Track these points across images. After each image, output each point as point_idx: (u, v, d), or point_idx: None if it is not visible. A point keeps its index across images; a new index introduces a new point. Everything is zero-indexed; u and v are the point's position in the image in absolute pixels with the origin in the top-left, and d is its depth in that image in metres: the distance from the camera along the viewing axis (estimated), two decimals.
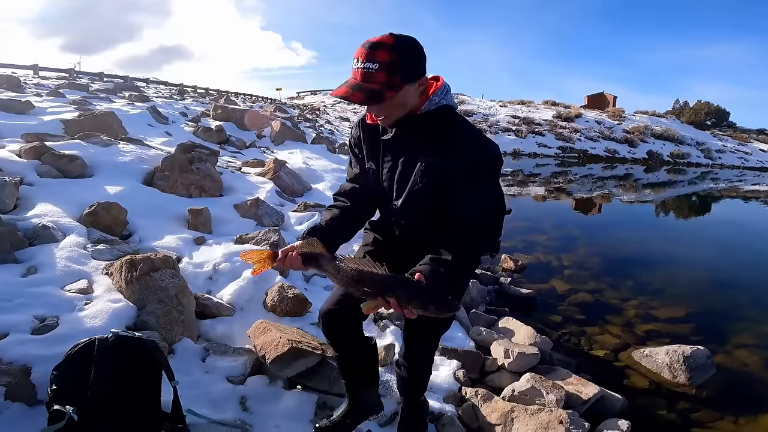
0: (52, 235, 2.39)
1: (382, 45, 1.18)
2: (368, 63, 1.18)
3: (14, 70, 12.23)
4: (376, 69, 1.18)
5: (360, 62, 1.19)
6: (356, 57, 1.20)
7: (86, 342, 1.47)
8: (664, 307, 4.04)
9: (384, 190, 1.44)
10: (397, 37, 1.19)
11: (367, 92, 1.19)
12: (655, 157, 24.55)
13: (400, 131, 1.34)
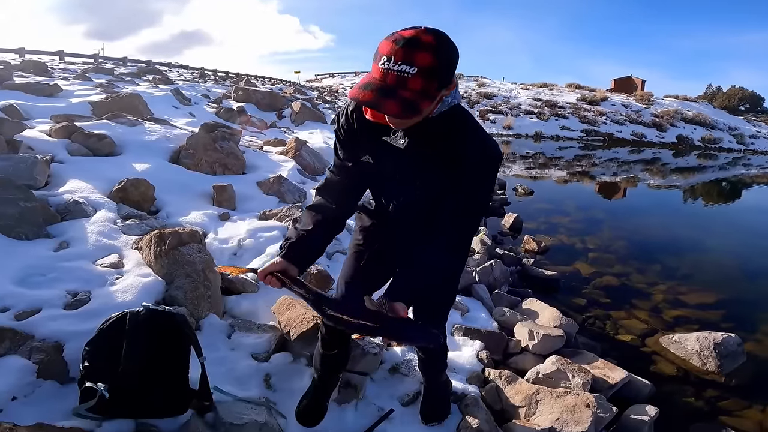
0: (83, 210, 2.44)
1: (424, 45, 0.96)
2: (404, 65, 0.96)
3: (40, 56, 12.51)
4: (413, 74, 0.96)
5: (393, 63, 0.96)
6: (386, 54, 0.97)
7: (118, 316, 1.48)
8: (693, 293, 3.94)
9: (383, 187, 1.37)
10: (438, 36, 0.98)
11: (402, 102, 0.98)
12: (684, 141, 23.66)
13: (412, 138, 1.19)
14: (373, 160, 1.29)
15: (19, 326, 1.62)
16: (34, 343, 1.58)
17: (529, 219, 6.03)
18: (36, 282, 1.89)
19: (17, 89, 5.26)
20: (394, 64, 0.96)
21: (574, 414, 1.96)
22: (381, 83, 0.99)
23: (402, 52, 0.96)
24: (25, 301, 1.75)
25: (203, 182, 3.43)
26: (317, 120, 8.05)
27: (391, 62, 0.97)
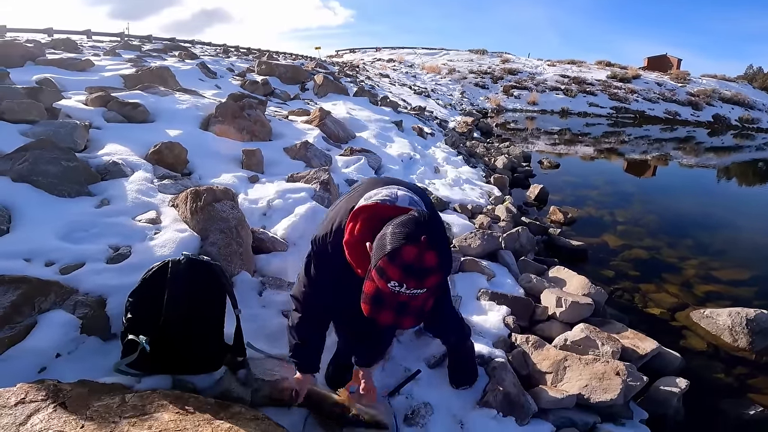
0: (121, 171, 2.52)
1: (431, 270, 1.05)
2: (416, 290, 1.06)
3: (69, 36, 12.75)
4: (422, 293, 1.07)
5: (405, 288, 1.05)
6: (397, 280, 1.05)
7: (160, 265, 1.52)
8: (726, 269, 3.83)
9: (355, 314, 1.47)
10: (438, 250, 1.06)
11: (416, 313, 1.10)
12: (721, 120, 22.54)
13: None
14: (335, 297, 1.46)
15: (64, 280, 1.67)
16: (78, 297, 1.63)
17: (555, 191, 5.92)
18: (79, 237, 1.95)
19: (51, 65, 5.40)
20: (406, 289, 1.05)
21: (603, 381, 1.95)
22: (394, 301, 1.08)
23: (413, 282, 1.05)
24: (70, 256, 1.81)
25: (232, 147, 3.49)
26: (340, 92, 8.01)
27: (403, 288, 1.05)
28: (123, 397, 1.26)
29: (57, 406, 1.16)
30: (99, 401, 1.22)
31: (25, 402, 1.16)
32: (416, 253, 1.03)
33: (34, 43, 7.25)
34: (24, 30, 11.58)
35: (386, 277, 1.05)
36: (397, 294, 1.06)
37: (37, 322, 1.51)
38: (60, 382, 1.28)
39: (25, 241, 1.82)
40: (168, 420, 1.18)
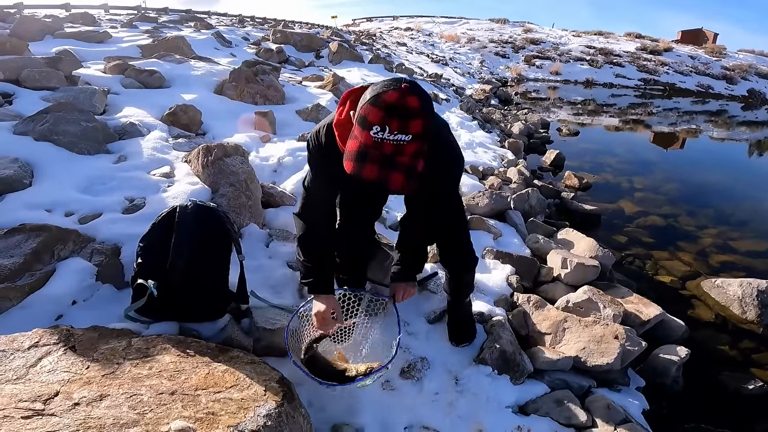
0: (138, 131, 2.61)
1: (413, 112, 1.01)
2: (400, 135, 1.01)
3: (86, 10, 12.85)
4: (408, 141, 1.02)
5: (388, 132, 1.00)
6: (378, 124, 1.00)
7: (169, 210, 1.58)
8: (745, 240, 3.73)
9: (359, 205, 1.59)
10: (419, 95, 1.03)
11: (405, 171, 1.05)
12: (756, 95, 21.38)
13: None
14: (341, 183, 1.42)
15: (82, 229, 1.77)
16: (95, 245, 1.72)
17: (572, 158, 5.80)
18: (97, 190, 2.07)
19: (69, 37, 5.53)
20: (389, 134, 1.00)
21: (600, 344, 1.92)
22: (378, 153, 1.02)
23: (396, 123, 0.99)
24: (88, 207, 1.92)
25: (246, 110, 3.57)
26: (355, 59, 7.96)
27: (386, 132, 1.00)
28: (129, 341, 1.33)
29: (67, 349, 1.24)
30: (106, 344, 1.30)
31: (38, 346, 1.24)
32: (398, 96, 1.00)
33: (52, 17, 7.38)
34: (41, 6, 11.73)
35: (368, 124, 1.01)
36: (380, 142, 1.01)
37: (56, 269, 1.60)
38: (73, 328, 1.36)
39: (47, 193, 1.93)
40: (168, 362, 1.26)
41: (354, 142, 1.07)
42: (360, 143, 1.04)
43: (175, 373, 1.21)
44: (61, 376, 1.14)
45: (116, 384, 1.14)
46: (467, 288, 1.89)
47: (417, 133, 1.02)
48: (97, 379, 1.15)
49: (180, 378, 1.20)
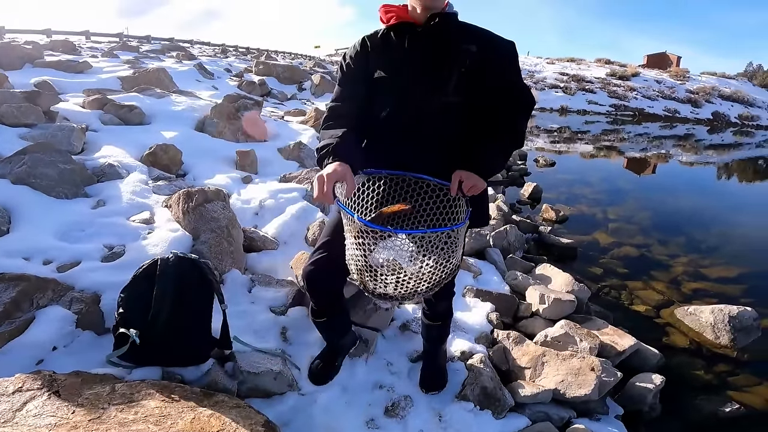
0: (117, 173, 2.60)
1: None
2: None
3: (68, 37, 12.85)
4: None
5: None
6: None
7: (150, 263, 1.59)
8: (716, 267, 3.87)
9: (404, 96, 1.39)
10: None
11: None
12: (721, 118, 22.56)
13: (436, 24, 1.35)
14: (390, 66, 1.39)
15: (61, 277, 1.76)
16: (74, 294, 1.71)
17: (549, 189, 5.97)
18: (76, 237, 2.04)
19: (49, 67, 5.52)
20: None
21: (578, 377, 1.98)
22: None
23: None
24: (66, 255, 1.89)
25: (227, 148, 3.58)
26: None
27: None
28: (113, 386, 1.33)
29: (51, 394, 1.24)
30: (90, 390, 1.30)
31: (22, 390, 1.24)
32: None
33: (32, 44, 7.36)
34: (23, 31, 11.67)
35: None
36: None
37: (35, 317, 1.59)
38: (55, 373, 1.35)
39: (24, 240, 1.90)
40: (154, 407, 1.26)
41: None
42: None
43: (161, 418, 1.22)
44: (48, 421, 1.15)
45: (103, 429, 1.15)
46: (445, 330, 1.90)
47: None
48: (84, 424, 1.15)
49: (166, 423, 1.20)
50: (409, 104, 1.39)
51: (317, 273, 1.50)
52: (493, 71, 1.37)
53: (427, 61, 1.37)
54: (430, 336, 1.86)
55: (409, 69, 1.38)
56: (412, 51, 1.37)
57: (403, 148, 1.43)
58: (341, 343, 1.82)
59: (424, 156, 1.41)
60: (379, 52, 1.41)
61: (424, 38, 1.37)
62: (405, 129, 1.41)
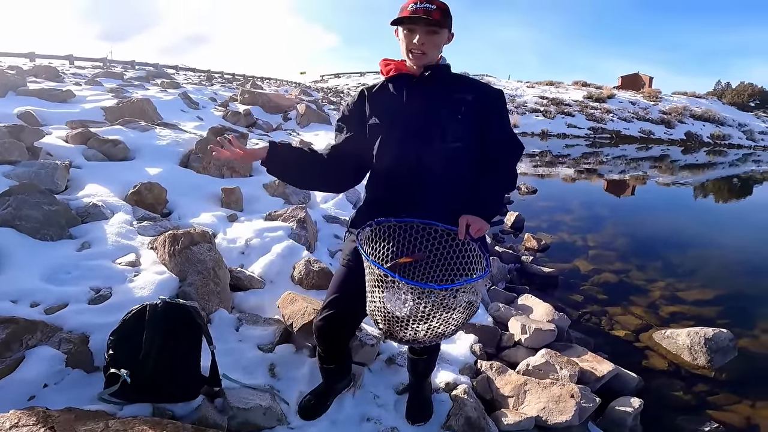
0: (101, 213, 2.61)
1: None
2: (427, 5, 1.38)
3: (51, 61, 12.84)
4: (434, 9, 1.39)
5: (419, 4, 1.38)
6: (413, 2, 1.39)
7: (139, 308, 1.65)
8: (692, 290, 4.00)
9: (403, 141, 1.47)
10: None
11: (438, 13, 1.40)
12: (694, 138, 23.41)
13: (431, 75, 1.48)
14: (386, 118, 1.50)
15: (49, 319, 1.78)
16: (63, 335, 1.74)
17: (531, 218, 6.11)
18: (62, 279, 2.06)
19: (32, 95, 5.51)
20: (420, 4, 1.38)
21: (559, 404, 2.06)
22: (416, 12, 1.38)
23: (422, 0, 1.39)
24: (53, 297, 1.92)
25: (212, 185, 3.60)
26: (322, 122, 8.22)
27: (417, 5, 1.39)
28: (106, 423, 1.36)
29: (47, 430, 1.27)
30: (84, 426, 1.32)
31: (18, 426, 1.27)
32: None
33: (16, 69, 7.36)
34: (6, 54, 11.62)
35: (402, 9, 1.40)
36: (415, 9, 1.38)
37: (25, 356, 1.63)
38: (48, 409, 1.38)
39: (11, 283, 1.92)
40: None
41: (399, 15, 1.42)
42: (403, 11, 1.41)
43: None
44: None
45: None
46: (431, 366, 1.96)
47: (439, 6, 1.41)
48: None
49: None
50: (408, 150, 1.47)
51: (327, 329, 1.58)
52: (489, 121, 1.50)
53: (425, 108, 1.48)
54: (416, 369, 1.91)
55: (407, 116, 1.48)
56: (409, 99, 1.49)
57: (404, 194, 1.49)
58: (338, 386, 1.87)
59: (425, 201, 1.47)
60: (377, 101, 1.54)
61: (421, 88, 1.49)
62: (405, 175, 1.48)
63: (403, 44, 1.46)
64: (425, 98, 1.48)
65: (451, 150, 1.46)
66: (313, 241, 3.22)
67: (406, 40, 1.44)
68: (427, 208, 1.45)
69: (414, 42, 1.42)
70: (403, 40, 1.46)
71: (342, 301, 1.53)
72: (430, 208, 1.45)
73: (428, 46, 1.43)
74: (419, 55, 1.44)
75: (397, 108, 1.50)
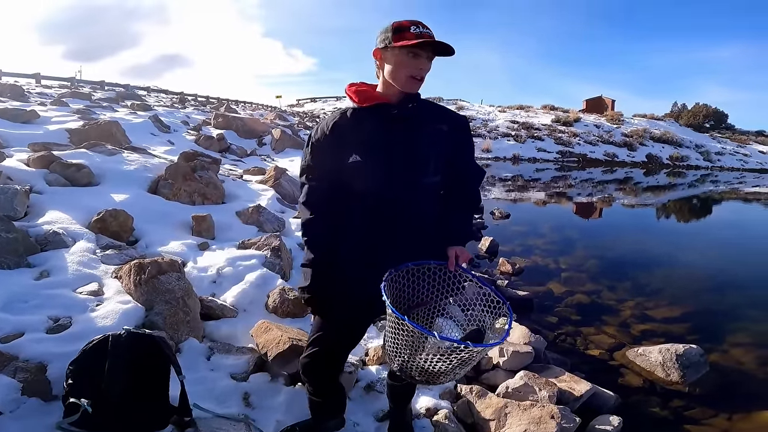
0: (62, 241, 2.49)
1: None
2: (427, 29, 1.34)
3: (17, 79, 12.46)
4: (433, 35, 1.35)
5: (422, 28, 1.34)
6: (414, 25, 1.34)
7: (100, 338, 1.58)
8: (661, 308, 4.09)
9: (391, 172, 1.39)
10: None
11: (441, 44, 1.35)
12: (654, 160, 24.57)
13: (411, 106, 1.43)
14: (368, 156, 1.39)
15: (4, 348, 1.71)
16: (18, 364, 1.67)
17: (505, 242, 6.19)
18: (19, 308, 1.97)
19: None
20: (423, 29, 1.34)
21: (540, 425, 2.05)
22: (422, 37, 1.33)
23: (423, 26, 1.35)
24: (9, 326, 1.83)
25: (182, 212, 3.50)
26: (298, 147, 8.20)
27: (420, 28, 1.34)
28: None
29: None
30: None
31: None
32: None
33: None
34: None
35: (403, 30, 1.33)
36: (425, 34, 1.32)
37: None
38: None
39: None
40: None
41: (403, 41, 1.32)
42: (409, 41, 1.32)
43: None
44: None
45: None
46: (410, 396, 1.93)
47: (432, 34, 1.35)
48: None
49: None
50: (393, 188, 1.40)
51: (313, 365, 1.56)
52: (460, 151, 1.50)
53: (408, 143, 1.41)
54: (396, 396, 1.88)
55: (392, 154, 1.39)
56: (392, 134, 1.40)
57: (386, 231, 1.44)
58: (328, 423, 1.78)
59: (407, 237, 1.45)
60: (355, 136, 1.41)
61: (401, 120, 1.41)
62: (388, 212, 1.42)
63: (400, 69, 1.36)
64: (407, 131, 1.41)
65: (432, 184, 1.46)
66: (288, 269, 3.16)
67: (408, 65, 1.35)
68: (408, 245, 1.44)
69: (420, 68, 1.36)
70: (401, 65, 1.35)
71: (327, 339, 1.53)
72: (411, 245, 1.45)
73: (425, 73, 1.40)
74: (418, 82, 1.39)
75: (379, 144, 1.40)
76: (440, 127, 1.45)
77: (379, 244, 1.45)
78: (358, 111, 1.43)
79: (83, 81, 15.21)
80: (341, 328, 1.53)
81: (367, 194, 1.42)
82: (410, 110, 1.42)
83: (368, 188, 1.41)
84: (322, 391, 1.66)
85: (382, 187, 1.40)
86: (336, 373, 1.67)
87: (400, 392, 1.85)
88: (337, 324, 1.52)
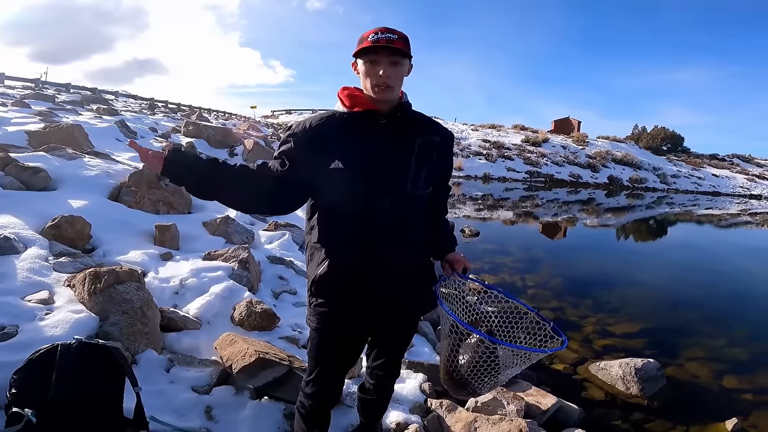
0: (13, 247, 2.36)
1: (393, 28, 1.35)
2: (389, 34, 1.30)
3: None
4: (395, 38, 1.31)
5: (380, 34, 1.30)
6: (374, 32, 1.31)
7: (48, 348, 1.51)
8: (620, 324, 4.25)
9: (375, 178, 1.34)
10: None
11: (400, 42, 1.32)
12: (615, 182, 25.64)
13: (400, 115, 1.40)
14: (350, 164, 1.32)
15: None
16: None
17: (474, 259, 6.28)
18: None
19: None
20: (381, 35, 1.31)
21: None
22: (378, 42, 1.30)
23: (385, 29, 1.32)
24: None
25: (145, 221, 3.38)
26: (270, 158, 8.09)
27: (379, 34, 1.31)
28: None
29: None
30: None
31: None
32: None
33: None
34: None
35: (362, 40, 1.31)
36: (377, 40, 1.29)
37: None
38: None
39: None
40: None
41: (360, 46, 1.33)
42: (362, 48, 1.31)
43: None
44: None
45: None
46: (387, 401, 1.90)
47: (400, 36, 1.33)
48: None
49: None
50: (382, 196, 1.35)
51: (316, 406, 1.52)
52: (448, 162, 1.54)
53: (398, 154, 1.37)
54: (367, 409, 1.85)
55: (379, 164, 1.34)
56: (380, 143, 1.36)
57: (375, 241, 1.37)
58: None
59: (399, 246, 1.40)
60: (339, 141, 1.35)
61: (391, 129, 1.37)
62: (377, 221, 1.36)
63: (366, 79, 1.33)
64: (397, 142, 1.37)
65: (423, 197, 1.44)
66: (256, 282, 3.09)
67: (369, 73, 1.31)
68: (400, 252, 1.41)
69: (379, 74, 1.30)
70: (365, 74, 1.33)
71: (328, 375, 1.50)
72: (404, 251, 1.43)
73: (393, 79, 1.32)
74: (384, 89, 1.32)
75: (366, 153, 1.34)
76: (432, 138, 1.43)
77: (364, 255, 1.37)
78: (347, 116, 1.38)
79: (48, 83, 14.65)
80: (341, 353, 1.47)
81: (346, 203, 1.35)
82: (399, 119, 1.39)
83: (348, 197, 1.34)
84: (318, 427, 1.59)
85: (366, 196, 1.34)
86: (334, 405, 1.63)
87: (371, 406, 1.82)
88: (338, 352, 1.46)
